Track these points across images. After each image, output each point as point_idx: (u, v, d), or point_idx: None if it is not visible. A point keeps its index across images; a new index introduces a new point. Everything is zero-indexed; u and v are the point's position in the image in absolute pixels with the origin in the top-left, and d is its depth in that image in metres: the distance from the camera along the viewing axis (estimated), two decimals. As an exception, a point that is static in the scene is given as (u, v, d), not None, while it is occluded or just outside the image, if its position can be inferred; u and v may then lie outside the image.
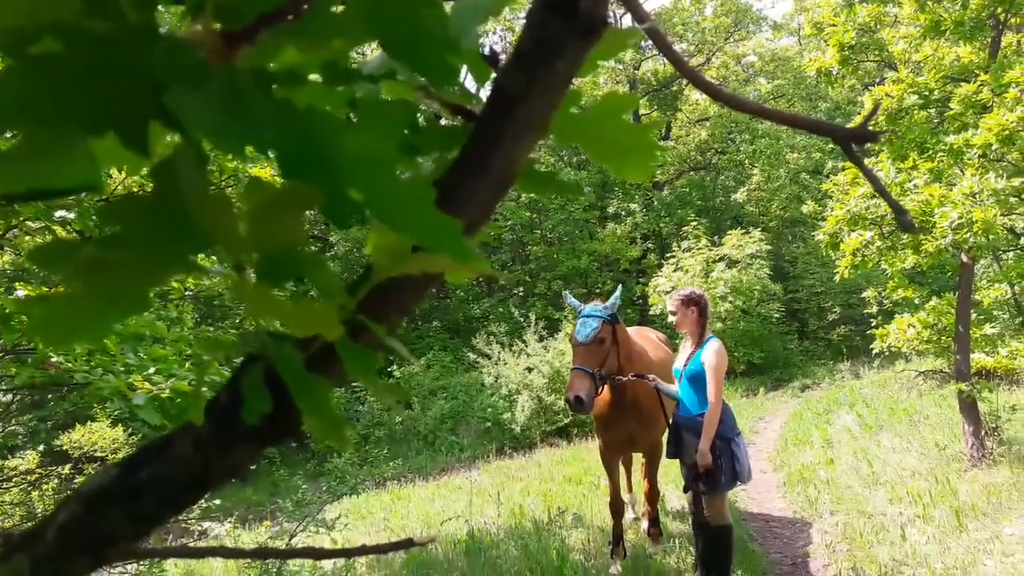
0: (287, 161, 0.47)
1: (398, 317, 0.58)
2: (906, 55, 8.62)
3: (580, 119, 0.66)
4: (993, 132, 6.65)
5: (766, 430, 11.93)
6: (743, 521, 6.52)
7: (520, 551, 5.71)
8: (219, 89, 0.44)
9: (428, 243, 0.49)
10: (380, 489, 10.46)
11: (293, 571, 5.07)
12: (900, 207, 0.62)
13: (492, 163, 0.56)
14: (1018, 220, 12.08)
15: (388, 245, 0.53)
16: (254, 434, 0.53)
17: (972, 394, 6.98)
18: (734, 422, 4.60)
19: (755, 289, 18.31)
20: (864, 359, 17.72)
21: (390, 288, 0.56)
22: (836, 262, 7.65)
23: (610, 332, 4.64)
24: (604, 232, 23.77)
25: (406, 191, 0.49)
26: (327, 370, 0.54)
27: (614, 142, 0.67)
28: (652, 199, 25.01)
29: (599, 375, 4.49)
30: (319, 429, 0.53)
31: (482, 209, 0.58)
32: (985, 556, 4.79)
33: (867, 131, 0.62)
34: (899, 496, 6.35)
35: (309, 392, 0.52)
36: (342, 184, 0.48)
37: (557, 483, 8.93)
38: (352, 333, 0.53)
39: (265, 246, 0.50)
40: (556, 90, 0.59)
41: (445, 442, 14.02)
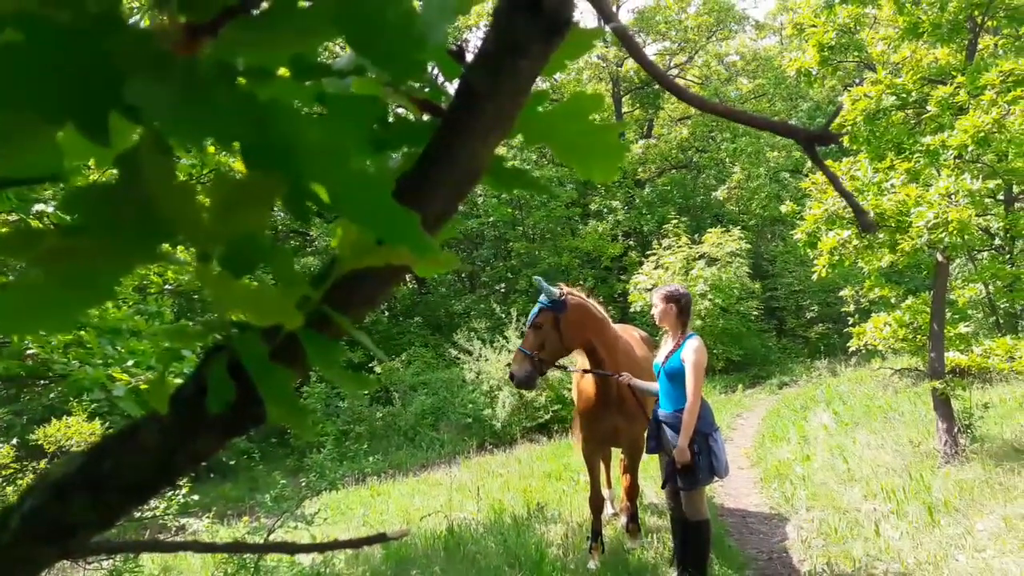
0: (250, 152, 0.47)
1: (364, 309, 0.59)
2: (885, 56, 8.70)
3: (547, 118, 0.67)
4: (969, 134, 6.74)
5: (744, 426, 12.03)
6: (720, 516, 6.58)
7: (499, 546, 5.73)
8: (180, 80, 0.45)
9: (386, 235, 0.50)
10: (360, 485, 10.44)
11: (270, 566, 5.06)
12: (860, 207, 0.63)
13: (457, 158, 0.57)
14: (993, 221, 12.28)
15: (352, 237, 0.54)
16: (219, 423, 0.54)
17: (946, 392, 7.07)
18: (712, 418, 4.64)
19: (734, 287, 18.43)
20: (841, 357, 17.91)
21: (355, 280, 0.56)
22: (814, 261, 7.72)
23: (549, 319, 4.86)
24: (586, 229, 23.82)
25: (365, 183, 0.49)
26: (291, 360, 0.55)
27: (580, 142, 0.68)
28: (634, 197, 25.08)
29: (537, 357, 4.81)
30: (281, 417, 0.53)
31: (446, 203, 0.58)
32: (957, 551, 4.85)
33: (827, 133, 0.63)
34: (874, 492, 6.42)
35: (272, 381, 0.52)
36: (302, 176, 0.48)
37: (537, 479, 8.95)
38: (317, 324, 0.53)
39: (229, 236, 0.50)
40: (521, 88, 0.59)
41: (426, 438, 14.01)
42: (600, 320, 5.04)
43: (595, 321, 5.01)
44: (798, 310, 22.75)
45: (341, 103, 0.63)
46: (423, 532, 6.55)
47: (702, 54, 27.92)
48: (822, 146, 0.64)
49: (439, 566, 5.40)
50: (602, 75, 26.78)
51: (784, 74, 22.96)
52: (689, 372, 4.43)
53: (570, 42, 0.69)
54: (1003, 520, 5.18)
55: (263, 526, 5.22)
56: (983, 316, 13.08)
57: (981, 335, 10.46)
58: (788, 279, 22.22)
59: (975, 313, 12.97)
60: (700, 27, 27.13)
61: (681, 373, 4.48)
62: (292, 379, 0.54)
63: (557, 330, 4.85)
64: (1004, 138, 7.08)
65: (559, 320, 4.85)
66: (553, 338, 4.86)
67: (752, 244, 21.46)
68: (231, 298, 0.50)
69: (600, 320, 5.04)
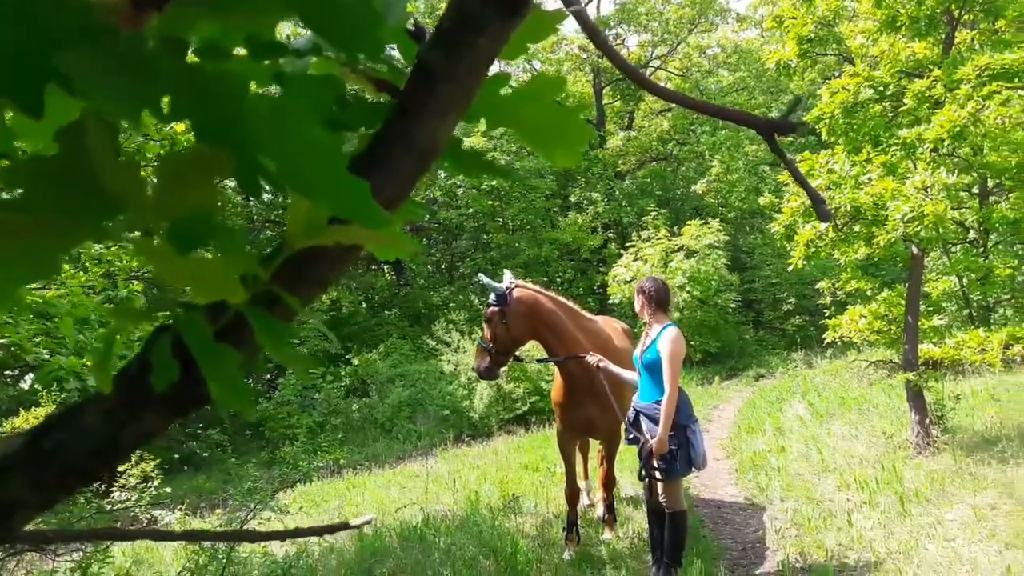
0: (200, 127, 0.46)
1: (315, 289, 0.58)
2: (864, 49, 8.76)
3: (509, 101, 0.66)
4: (945, 128, 6.80)
5: (720, 418, 12.12)
6: (696, 507, 6.62)
7: (474, 538, 5.73)
8: (119, 54, 0.44)
9: (336, 206, 0.49)
10: (335, 477, 10.41)
11: (242, 558, 5.03)
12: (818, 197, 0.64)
13: (411, 138, 0.56)
14: (967, 214, 12.43)
15: (302, 215, 0.53)
16: (163, 402, 0.53)
17: (919, 384, 7.15)
18: (691, 410, 4.66)
19: (712, 279, 18.54)
20: (817, 349, 18.08)
21: (306, 259, 0.56)
22: (791, 253, 7.77)
23: (497, 313, 5.08)
24: (566, 221, 23.83)
25: (314, 154, 0.48)
26: (237, 340, 0.54)
27: (543, 125, 0.68)
28: (614, 189, 25.12)
29: (493, 350, 5.10)
30: (223, 397, 0.53)
31: (402, 183, 0.58)
32: (927, 540, 4.92)
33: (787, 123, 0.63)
34: (847, 483, 6.49)
35: (215, 361, 0.52)
36: (253, 149, 0.48)
37: (514, 470, 8.97)
38: (265, 304, 0.53)
39: (175, 212, 0.49)
40: (478, 68, 0.59)
41: (402, 430, 13.98)
42: (549, 311, 5.10)
43: (542, 312, 5.07)
44: (775, 302, 22.94)
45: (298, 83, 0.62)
46: (399, 524, 6.55)
47: (684, 46, 27.95)
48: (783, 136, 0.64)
49: (414, 558, 5.40)
50: (583, 66, 26.75)
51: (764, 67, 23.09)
52: (665, 362, 4.44)
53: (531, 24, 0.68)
54: (972, 510, 5.26)
55: (236, 518, 5.18)
56: (957, 309, 13.25)
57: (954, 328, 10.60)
58: (766, 272, 22.38)
59: (949, 306, 13.12)
60: (682, 19, 27.17)
61: (658, 364, 4.50)
62: (236, 359, 0.53)
63: (504, 323, 5.05)
64: (979, 132, 7.16)
65: (505, 314, 5.05)
66: (502, 331, 5.07)
67: (730, 237, 21.57)
68: (173, 274, 0.49)
69: (549, 311, 5.10)
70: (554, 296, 5.32)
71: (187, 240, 0.50)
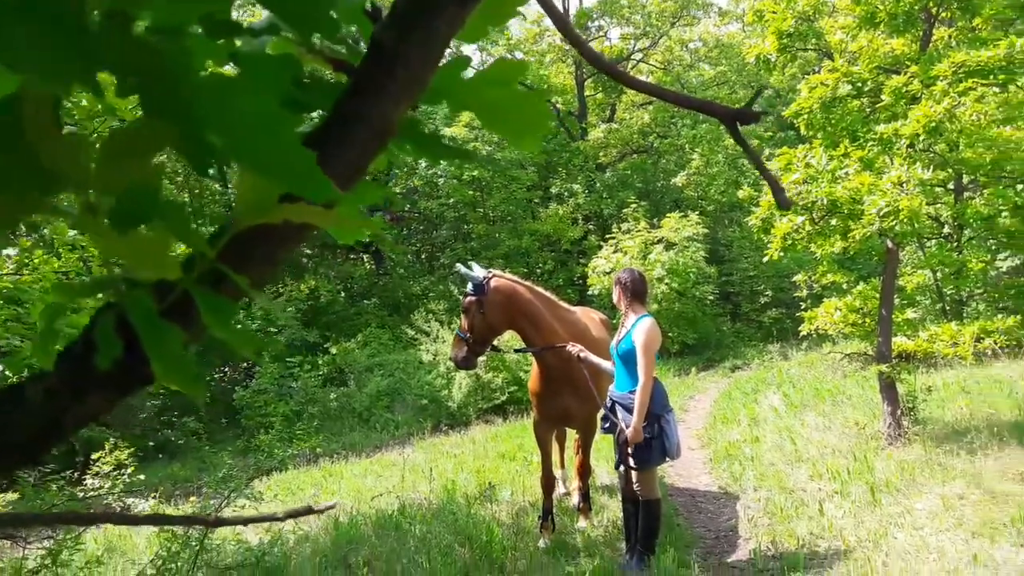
0: (144, 102, 0.46)
1: (264, 268, 0.58)
2: (843, 45, 8.81)
3: (470, 85, 0.66)
4: (921, 123, 6.87)
5: (696, 408, 12.21)
6: (670, 496, 6.67)
7: (450, 526, 5.75)
8: (53, 25, 0.43)
9: (283, 180, 0.49)
10: (311, 466, 10.37)
11: (216, 544, 5.01)
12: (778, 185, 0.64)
13: (365, 117, 0.56)
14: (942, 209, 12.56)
15: (250, 192, 0.53)
16: (108, 381, 0.53)
17: (892, 376, 7.24)
18: (666, 399, 4.71)
19: (691, 271, 18.63)
20: (793, 341, 18.23)
21: (254, 237, 0.55)
22: (768, 246, 7.83)
23: (474, 303, 5.08)
24: (546, 212, 23.84)
25: (263, 130, 0.48)
26: (182, 318, 0.53)
27: (506, 110, 0.68)
28: (595, 181, 25.14)
29: (470, 339, 5.11)
30: (167, 376, 0.52)
31: (355, 161, 0.57)
32: (896, 529, 4.99)
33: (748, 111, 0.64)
34: (819, 473, 6.57)
35: (158, 339, 0.51)
36: (199, 124, 0.47)
37: (491, 459, 8.99)
38: (212, 282, 0.52)
39: (116, 186, 0.49)
40: (434, 48, 0.59)
41: (380, 419, 13.95)
42: (527, 301, 5.11)
43: (519, 302, 5.08)
44: (752, 295, 23.10)
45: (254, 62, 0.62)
46: (374, 512, 6.54)
47: (666, 39, 27.97)
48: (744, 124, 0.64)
49: (389, 546, 5.40)
50: (564, 57, 26.70)
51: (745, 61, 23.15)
52: (640, 352, 4.49)
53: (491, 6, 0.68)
54: (941, 499, 5.34)
55: (210, 506, 5.16)
56: (930, 302, 13.42)
57: (928, 321, 10.74)
58: (744, 264, 22.52)
59: (923, 299, 13.29)
60: (664, 12, 27.17)
61: (633, 354, 4.54)
62: (181, 337, 0.53)
63: (482, 313, 5.05)
64: (955, 129, 7.23)
65: (482, 303, 5.04)
66: (479, 321, 5.07)
67: (709, 229, 21.69)
68: (112, 249, 0.49)
69: (527, 301, 5.11)
70: (531, 286, 5.34)
71: (129, 216, 0.49)
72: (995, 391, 8.65)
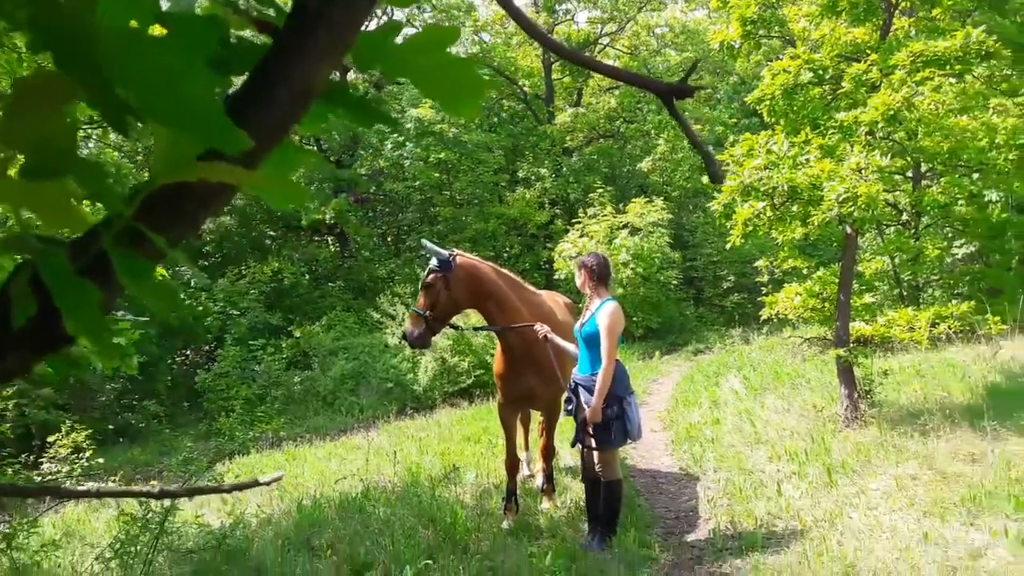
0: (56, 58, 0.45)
1: (183, 228, 0.57)
2: (807, 33, 8.90)
3: (403, 51, 0.65)
4: (880, 111, 6.98)
5: (659, 391, 12.35)
6: (632, 477, 6.76)
7: (414, 508, 5.76)
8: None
9: (194, 132, 0.49)
10: (275, 449, 10.30)
11: (177, 527, 4.96)
12: (711, 157, 0.65)
13: (288, 77, 0.56)
14: (901, 197, 12.79)
15: (166, 150, 0.52)
16: (24, 341, 0.52)
17: (849, 359, 7.37)
18: (628, 382, 4.77)
19: (655, 256, 18.79)
20: (754, 325, 18.48)
21: (171, 196, 0.55)
22: (730, 231, 7.91)
23: (439, 279, 5.00)
24: (513, 196, 23.82)
25: (174, 84, 0.47)
26: (100, 277, 0.53)
27: (440, 77, 0.67)
28: (561, 165, 25.17)
29: (430, 316, 5.01)
30: (80, 332, 0.52)
31: (277, 121, 0.57)
32: (851, 509, 5.11)
33: (684, 87, 0.65)
34: (778, 454, 6.69)
35: (72, 296, 0.51)
36: (110, 78, 0.46)
37: (455, 442, 9.02)
38: (130, 241, 0.52)
39: (26, 140, 0.48)
40: (357, 10, 0.58)
41: (345, 403, 13.89)
42: (493, 281, 5.11)
43: (486, 281, 5.09)
44: (715, 280, 23.39)
45: (181, 22, 0.61)
46: (338, 495, 6.53)
47: (632, 24, 27.98)
48: (680, 99, 0.65)
49: (353, 528, 5.40)
50: (532, 40, 26.59)
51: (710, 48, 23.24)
52: (603, 335, 4.54)
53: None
54: (894, 480, 5.47)
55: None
56: (888, 288, 13.66)
57: (885, 306, 10.95)
58: (707, 250, 22.76)
59: (881, 285, 13.53)
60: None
61: (597, 337, 4.59)
62: (96, 296, 0.52)
63: (447, 289, 5.00)
64: (913, 117, 7.36)
65: (448, 280, 4.99)
66: (444, 297, 5.02)
67: (674, 215, 21.87)
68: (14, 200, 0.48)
69: (493, 281, 5.11)
70: (496, 267, 5.35)
71: (40, 171, 0.49)
72: (948, 375, 8.86)
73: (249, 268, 18.96)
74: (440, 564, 4.55)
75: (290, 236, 22.01)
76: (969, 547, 4.18)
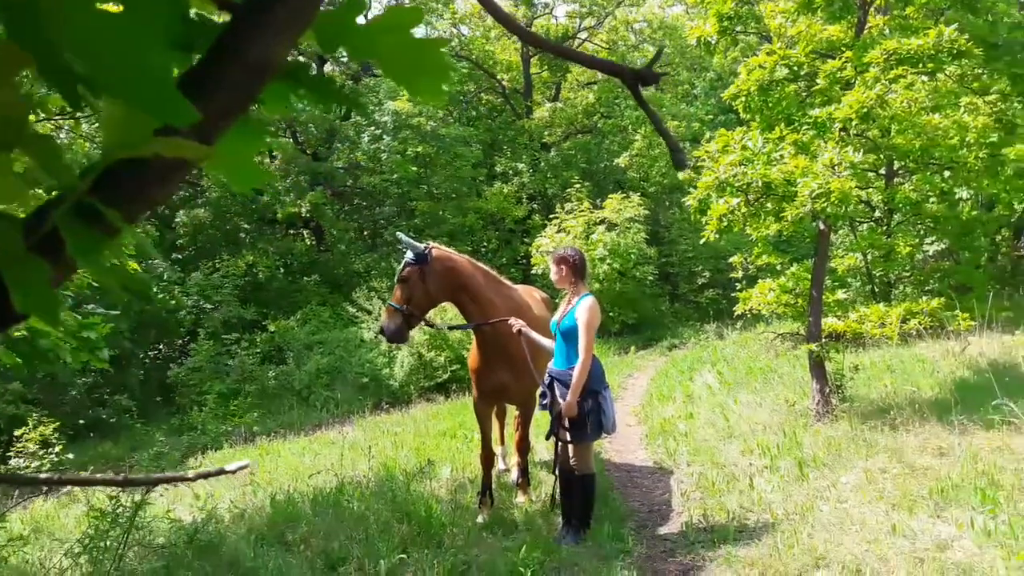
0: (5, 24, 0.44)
1: (138, 205, 0.56)
2: (783, 29, 8.96)
3: (367, 32, 0.65)
4: (853, 108, 7.05)
5: (634, 386, 12.41)
6: (606, 471, 6.79)
7: (389, 503, 5.74)
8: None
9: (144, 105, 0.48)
10: (248, 444, 10.22)
11: (147, 523, 4.91)
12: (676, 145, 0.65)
13: (244, 53, 0.55)
14: (873, 194, 12.93)
15: (120, 124, 0.51)
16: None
17: (821, 355, 7.45)
18: (603, 376, 4.80)
19: (632, 252, 18.86)
20: (728, 321, 18.59)
21: (125, 172, 0.54)
22: (705, 227, 7.95)
23: (415, 272, 4.96)
24: (491, 190, 23.79)
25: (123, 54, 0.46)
26: (51, 253, 0.52)
27: (404, 59, 0.67)
28: (539, 160, 25.18)
29: (406, 310, 4.96)
30: (28, 307, 0.51)
31: (233, 99, 0.56)
32: (822, 502, 5.17)
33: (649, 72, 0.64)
34: (750, 448, 6.75)
35: (22, 272, 0.50)
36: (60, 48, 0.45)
37: (431, 437, 9.00)
38: (83, 217, 0.51)
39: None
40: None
41: (320, 398, 13.81)
42: (469, 274, 5.10)
43: (462, 274, 5.08)
44: (691, 276, 23.53)
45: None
46: (312, 490, 6.50)
47: (611, 19, 28.03)
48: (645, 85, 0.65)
49: (326, 524, 5.38)
50: (511, 34, 26.54)
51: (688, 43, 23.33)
52: (581, 330, 4.57)
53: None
54: (864, 473, 5.54)
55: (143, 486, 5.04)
56: (860, 284, 13.82)
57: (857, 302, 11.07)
58: (683, 246, 22.87)
59: (853, 281, 13.69)
60: (609, -9, 27.22)
61: (574, 331, 4.62)
62: (46, 271, 0.51)
63: (423, 282, 4.97)
64: (887, 115, 7.44)
65: (424, 273, 4.96)
66: (420, 290, 4.98)
67: (650, 211, 21.95)
68: None
69: (469, 274, 5.10)
70: (472, 260, 5.34)
71: None
72: (918, 370, 8.99)
73: (223, 261, 18.77)
74: (414, 558, 4.54)
75: (265, 229, 21.80)
76: (936, 539, 4.24)
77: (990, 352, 8.99)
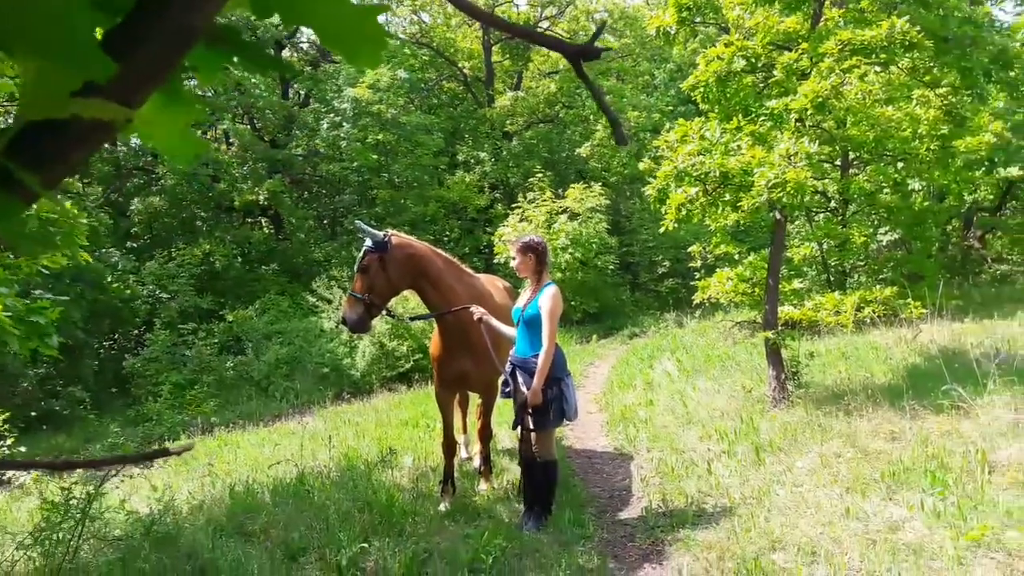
0: None
1: (57, 168, 0.55)
2: (741, 21, 9.03)
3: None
4: (809, 99, 7.16)
5: (595, 374, 12.51)
6: (568, 457, 6.84)
7: (350, 492, 5.72)
8: None
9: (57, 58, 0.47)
10: (207, 435, 10.08)
11: (102, 514, 4.83)
12: (617, 122, 0.66)
13: (167, 14, 0.54)
14: (829, 184, 13.16)
15: (37, 83, 0.50)
16: None
17: (777, 342, 7.58)
18: (565, 364, 4.83)
19: (593, 242, 18.96)
20: (688, 310, 18.81)
21: (43, 133, 0.53)
22: (665, 216, 8.02)
23: (375, 260, 4.91)
24: (453, 179, 23.70)
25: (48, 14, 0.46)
26: None
27: (339, 25, 0.66)
28: (501, 149, 25.14)
29: (367, 299, 4.90)
30: None
31: (156, 60, 0.56)
32: (778, 486, 5.26)
33: (591, 48, 0.65)
34: (709, 434, 6.85)
35: None
36: None
37: (393, 427, 8.98)
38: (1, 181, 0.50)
39: None
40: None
41: (279, 388, 13.67)
42: (429, 260, 5.09)
43: (422, 260, 5.05)
44: (651, 265, 23.74)
45: None
46: (272, 480, 6.44)
47: (572, 8, 28.05)
48: (587, 61, 0.66)
49: (287, 513, 5.34)
50: (473, 21, 26.43)
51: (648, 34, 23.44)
52: (545, 318, 4.59)
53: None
54: (819, 457, 5.66)
55: (97, 476, 4.96)
56: (816, 273, 14.08)
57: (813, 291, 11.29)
58: (643, 235, 23.05)
59: (809, 270, 13.94)
60: (571, -19, 27.22)
61: (538, 320, 4.64)
62: None
63: (384, 270, 4.93)
64: (842, 106, 7.57)
65: (385, 261, 4.92)
66: (381, 279, 4.94)
67: (611, 201, 22.07)
68: None
69: (429, 260, 5.09)
70: (432, 247, 5.31)
71: None
72: (871, 357, 9.19)
73: (179, 250, 18.44)
74: (376, 547, 4.53)
75: (222, 217, 21.47)
76: (888, 521, 4.35)
77: (940, 339, 9.23)
